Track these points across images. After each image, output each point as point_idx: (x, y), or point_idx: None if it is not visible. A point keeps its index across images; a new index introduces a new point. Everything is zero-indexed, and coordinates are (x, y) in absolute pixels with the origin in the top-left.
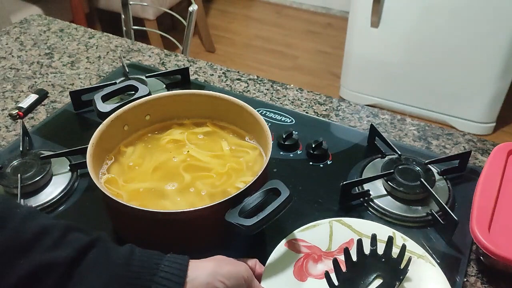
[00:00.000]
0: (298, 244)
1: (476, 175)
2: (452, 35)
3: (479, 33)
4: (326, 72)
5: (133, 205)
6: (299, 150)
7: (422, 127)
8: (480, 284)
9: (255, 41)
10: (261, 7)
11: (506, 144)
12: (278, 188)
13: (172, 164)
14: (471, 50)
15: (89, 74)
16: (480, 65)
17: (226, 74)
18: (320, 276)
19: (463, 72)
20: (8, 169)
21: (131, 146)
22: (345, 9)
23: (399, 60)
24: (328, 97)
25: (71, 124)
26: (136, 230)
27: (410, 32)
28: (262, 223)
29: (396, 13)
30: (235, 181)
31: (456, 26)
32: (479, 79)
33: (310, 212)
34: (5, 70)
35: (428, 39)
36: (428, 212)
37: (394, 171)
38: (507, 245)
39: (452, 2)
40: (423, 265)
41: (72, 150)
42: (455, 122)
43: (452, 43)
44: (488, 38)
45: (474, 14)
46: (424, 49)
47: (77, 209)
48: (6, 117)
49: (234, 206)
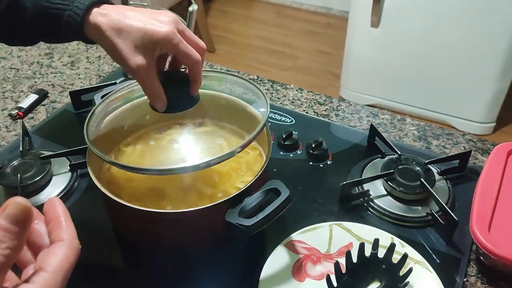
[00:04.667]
0: (298, 246)
1: (476, 175)
2: (452, 35)
3: (479, 33)
4: (326, 72)
5: (133, 205)
6: (299, 150)
7: (422, 127)
8: (480, 284)
9: (255, 41)
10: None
11: (506, 144)
12: (278, 188)
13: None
14: (471, 50)
15: (89, 74)
16: (480, 65)
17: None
18: (319, 277)
19: (463, 72)
20: (8, 169)
21: (131, 146)
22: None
23: (399, 60)
24: (328, 97)
25: (71, 124)
26: (136, 230)
27: (410, 32)
28: (262, 223)
29: (396, 13)
30: (235, 181)
31: (456, 26)
32: (479, 79)
33: (310, 212)
34: (5, 70)
35: (428, 39)
36: (428, 212)
37: (394, 171)
38: (507, 245)
39: (452, 2)
40: (420, 271)
41: (72, 150)
42: (455, 122)
43: (452, 43)
44: (488, 38)
45: (474, 14)
46: (424, 49)
47: (77, 209)
48: (6, 117)
49: (234, 206)
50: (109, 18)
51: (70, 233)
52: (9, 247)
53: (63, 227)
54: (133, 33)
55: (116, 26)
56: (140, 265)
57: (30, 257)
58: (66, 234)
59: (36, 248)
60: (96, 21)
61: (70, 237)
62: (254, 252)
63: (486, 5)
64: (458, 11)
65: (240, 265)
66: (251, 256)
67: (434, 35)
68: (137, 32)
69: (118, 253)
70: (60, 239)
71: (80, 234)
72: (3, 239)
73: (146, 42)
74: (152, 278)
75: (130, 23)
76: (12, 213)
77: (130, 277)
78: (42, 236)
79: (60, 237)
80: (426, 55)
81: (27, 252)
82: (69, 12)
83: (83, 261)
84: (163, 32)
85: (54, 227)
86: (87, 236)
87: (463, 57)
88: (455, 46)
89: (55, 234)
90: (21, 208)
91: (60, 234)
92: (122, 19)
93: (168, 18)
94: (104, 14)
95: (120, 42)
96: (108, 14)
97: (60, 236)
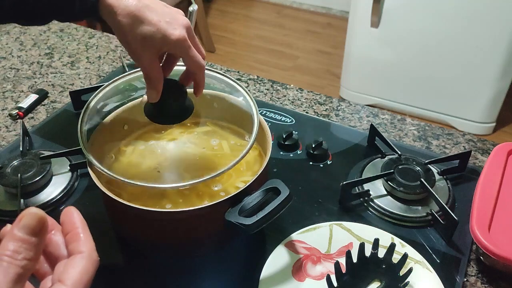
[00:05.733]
0: (298, 245)
1: (476, 175)
2: (452, 35)
3: (479, 33)
4: (326, 72)
5: (133, 204)
6: (299, 150)
7: (422, 127)
8: (480, 284)
9: (255, 41)
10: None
11: (506, 144)
12: (278, 188)
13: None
14: (471, 50)
15: (89, 74)
16: (480, 65)
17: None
18: (319, 277)
19: (463, 72)
20: (8, 169)
21: (131, 146)
22: (345, 9)
23: (399, 60)
24: (328, 97)
25: (71, 124)
26: (136, 230)
27: (410, 32)
28: (262, 222)
29: (396, 13)
30: (235, 181)
31: (456, 26)
32: (479, 79)
33: (310, 212)
34: (5, 70)
35: (428, 39)
36: (428, 212)
37: (394, 171)
38: (507, 245)
39: (452, 2)
40: (420, 270)
41: (72, 150)
42: (455, 122)
43: (452, 43)
44: (488, 38)
45: (474, 14)
46: (424, 49)
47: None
48: (6, 117)
49: (234, 206)
50: (125, 2)
51: (88, 246)
52: (26, 257)
53: (81, 239)
54: (146, 26)
55: (131, 13)
56: (140, 265)
57: (48, 268)
58: (85, 247)
59: (54, 259)
60: (111, 2)
61: (89, 250)
62: (254, 252)
63: (486, 5)
64: (458, 11)
65: (240, 265)
66: (251, 256)
67: (434, 35)
68: (151, 26)
69: (118, 253)
70: (78, 252)
71: None
72: (19, 250)
73: (156, 39)
74: (152, 277)
75: (146, 14)
76: (28, 224)
77: (130, 277)
78: (59, 247)
79: (79, 249)
80: (426, 55)
81: (44, 263)
82: None
83: None
84: (176, 35)
85: (72, 239)
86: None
87: (463, 57)
88: (455, 46)
89: (74, 246)
90: (37, 218)
91: (79, 247)
92: (139, 7)
93: (183, 21)
94: None
95: (130, 30)
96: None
97: (78, 248)
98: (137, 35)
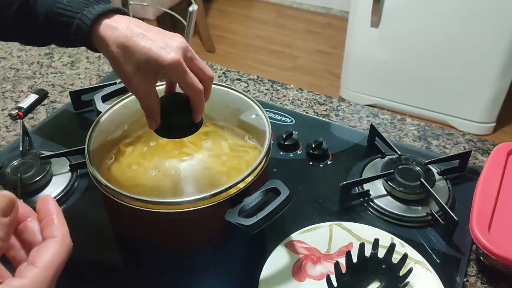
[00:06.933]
0: (298, 246)
1: (476, 175)
2: (452, 35)
3: (479, 33)
4: (326, 72)
5: (133, 205)
6: (299, 150)
7: (422, 127)
8: (480, 284)
9: (255, 41)
10: (261, 7)
11: (506, 144)
12: (278, 188)
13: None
14: (471, 50)
15: (89, 74)
16: (480, 65)
17: (226, 74)
18: (318, 277)
19: (463, 72)
20: (8, 169)
21: (131, 146)
22: (345, 9)
23: (399, 60)
24: (328, 97)
25: (71, 124)
26: (136, 230)
27: (410, 32)
28: (261, 222)
29: (396, 13)
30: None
31: (456, 26)
32: (479, 79)
33: (310, 212)
34: (5, 70)
35: (428, 39)
36: (428, 212)
37: (394, 171)
38: (507, 245)
39: (452, 2)
40: (420, 271)
41: (72, 150)
42: (455, 122)
43: (452, 43)
44: (488, 38)
45: (474, 14)
46: (424, 49)
47: (77, 209)
48: (6, 117)
49: (233, 206)
50: (117, 33)
51: (62, 230)
52: None
53: (55, 224)
54: (138, 54)
55: (122, 43)
56: (140, 265)
57: (24, 255)
58: (58, 231)
59: (29, 246)
60: (103, 34)
61: (62, 234)
62: (254, 252)
63: (486, 5)
64: (458, 11)
65: (240, 265)
66: (251, 256)
67: (434, 35)
68: (142, 54)
69: (118, 253)
70: (52, 236)
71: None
72: None
73: (150, 66)
74: (152, 277)
75: (137, 42)
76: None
77: (130, 277)
78: (35, 234)
79: (52, 234)
80: (426, 55)
81: (20, 250)
82: (78, 21)
83: (83, 261)
84: (169, 59)
85: (46, 225)
86: (87, 236)
87: (463, 57)
88: (455, 46)
89: (47, 231)
90: (7, 199)
91: (52, 231)
92: (130, 36)
93: (178, 44)
94: (113, 27)
95: (124, 61)
96: (117, 28)
97: (52, 233)
98: (130, 65)
